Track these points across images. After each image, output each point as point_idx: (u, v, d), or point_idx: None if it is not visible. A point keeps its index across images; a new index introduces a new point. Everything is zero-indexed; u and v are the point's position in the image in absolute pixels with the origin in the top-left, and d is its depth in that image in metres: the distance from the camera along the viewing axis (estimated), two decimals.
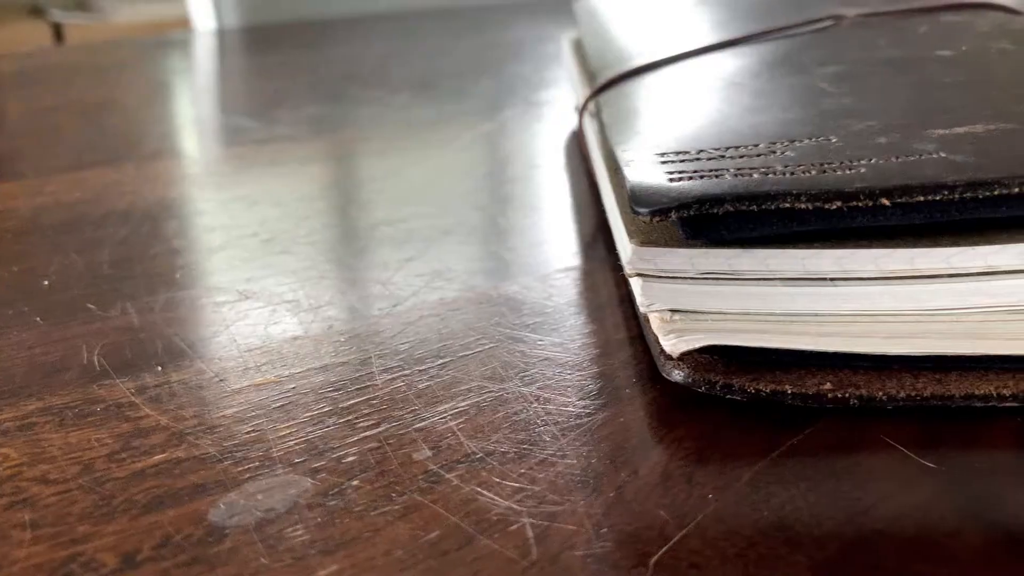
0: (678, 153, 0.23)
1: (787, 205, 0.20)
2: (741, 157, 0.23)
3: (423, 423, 0.22)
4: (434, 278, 0.29)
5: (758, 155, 0.23)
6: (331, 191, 0.38)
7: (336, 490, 0.20)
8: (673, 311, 0.22)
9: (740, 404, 0.22)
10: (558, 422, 0.22)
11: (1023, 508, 0.19)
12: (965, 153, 0.21)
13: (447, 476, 0.20)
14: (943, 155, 0.21)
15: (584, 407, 0.22)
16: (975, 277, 0.21)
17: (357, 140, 0.45)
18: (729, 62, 0.33)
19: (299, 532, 0.18)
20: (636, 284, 0.22)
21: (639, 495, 0.19)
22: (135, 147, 0.45)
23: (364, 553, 0.18)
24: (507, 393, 0.23)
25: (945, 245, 0.21)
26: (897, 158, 0.21)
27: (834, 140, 0.23)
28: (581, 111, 0.35)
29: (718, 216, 0.21)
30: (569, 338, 0.25)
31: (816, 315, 0.22)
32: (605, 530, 0.18)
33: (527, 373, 0.24)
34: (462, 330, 0.26)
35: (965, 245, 0.21)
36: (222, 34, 0.91)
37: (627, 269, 0.22)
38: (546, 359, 0.24)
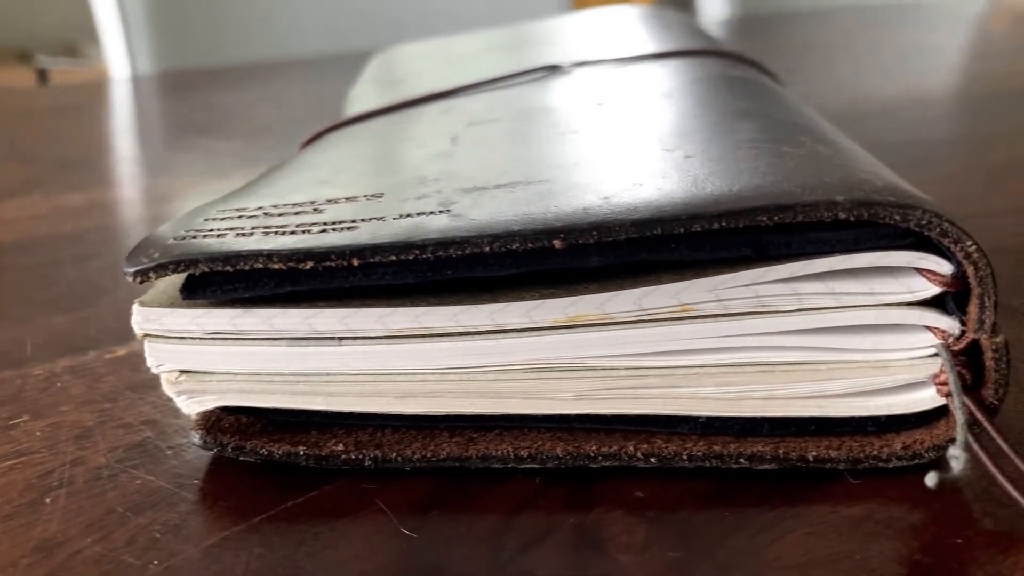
0: (239, 210, 0.23)
1: (260, 266, 0.20)
2: (280, 215, 0.22)
3: None
4: (110, 333, 0.29)
5: (297, 213, 0.22)
6: (64, 241, 0.38)
7: None
8: (182, 371, 0.22)
9: (269, 465, 0.22)
10: (74, 483, 0.22)
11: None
12: (464, 213, 0.21)
13: None
14: (443, 214, 0.21)
15: (110, 467, 0.22)
16: (483, 336, 0.21)
17: (143, 188, 0.46)
18: (415, 118, 0.33)
19: None
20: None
21: (85, 561, 0.19)
22: None
23: None
24: (55, 452, 0.23)
25: (451, 303, 0.21)
26: (402, 217, 0.21)
27: (382, 199, 0.23)
28: None
29: (205, 276, 0.21)
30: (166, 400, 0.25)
31: (326, 374, 0.21)
32: None
33: (90, 433, 0.24)
34: (78, 391, 0.26)
35: (471, 303, 0.21)
36: (137, 81, 0.93)
37: (135, 330, 0.21)
38: (119, 418, 0.24)
